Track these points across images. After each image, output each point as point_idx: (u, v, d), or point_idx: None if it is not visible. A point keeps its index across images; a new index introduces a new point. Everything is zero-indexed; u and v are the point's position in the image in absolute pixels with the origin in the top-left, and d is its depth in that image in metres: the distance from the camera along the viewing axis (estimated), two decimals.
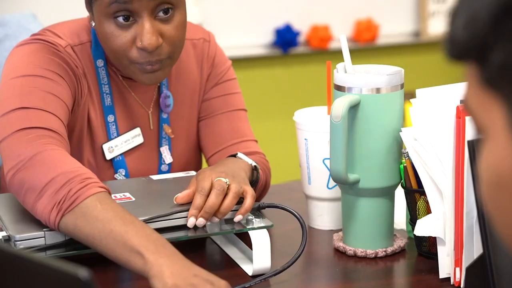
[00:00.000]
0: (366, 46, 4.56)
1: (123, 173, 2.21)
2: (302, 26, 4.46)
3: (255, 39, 4.41)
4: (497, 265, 1.68)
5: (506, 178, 0.88)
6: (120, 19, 2.01)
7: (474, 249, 1.82)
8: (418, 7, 4.64)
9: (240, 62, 4.30)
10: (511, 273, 1.67)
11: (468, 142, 1.76)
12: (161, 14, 2.03)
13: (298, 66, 4.52)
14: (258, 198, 2.14)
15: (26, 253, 1.22)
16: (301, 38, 4.47)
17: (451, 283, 1.88)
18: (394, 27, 4.65)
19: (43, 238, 1.87)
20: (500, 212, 0.91)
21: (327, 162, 2.11)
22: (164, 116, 2.27)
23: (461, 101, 1.81)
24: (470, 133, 1.76)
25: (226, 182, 1.94)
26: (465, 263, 1.83)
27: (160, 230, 1.86)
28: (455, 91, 1.86)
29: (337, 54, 2.05)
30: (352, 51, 2.04)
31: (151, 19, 2.02)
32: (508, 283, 1.67)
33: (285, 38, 4.41)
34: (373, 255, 2.03)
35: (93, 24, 2.09)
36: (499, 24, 0.85)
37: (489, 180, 0.91)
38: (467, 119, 1.76)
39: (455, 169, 1.84)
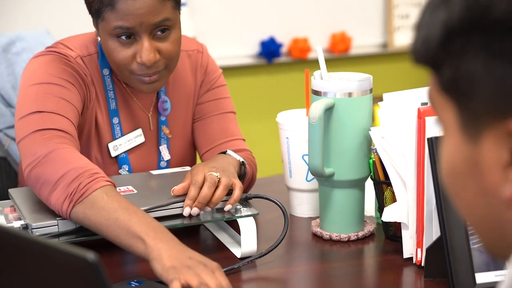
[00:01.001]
0: (340, 56, 4.56)
1: (127, 169, 2.21)
2: (284, 39, 4.46)
3: (243, 50, 4.41)
4: (452, 245, 1.69)
5: (459, 169, 0.90)
6: (123, 37, 2.02)
7: (433, 232, 1.82)
8: (385, 22, 4.65)
9: (230, 70, 4.29)
10: (463, 252, 1.68)
11: (428, 139, 1.77)
12: (158, 33, 2.03)
13: (281, 74, 4.51)
14: (245, 190, 2.14)
15: (41, 239, 1.21)
16: (283, 49, 4.47)
17: (414, 262, 1.89)
18: (365, 40, 4.65)
19: (57, 226, 1.87)
20: (458, 195, 0.93)
21: (306, 157, 2.11)
22: (163, 118, 2.26)
23: (423, 103, 1.81)
24: (429, 132, 1.76)
25: (217, 176, 1.93)
26: (426, 244, 1.83)
27: (159, 219, 1.86)
28: (417, 96, 1.87)
29: (315, 63, 2.05)
30: (328, 61, 2.04)
31: (149, 38, 2.02)
32: (461, 260, 1.68)
33: (269, 49, 4.41)
34: (346, 239, 2.04)
35: (99, 39, 2.08)
36: (446, 46, 0.86)
37: (447, 170, 0.93)
38: (427, 119, 1.77)
39: (417, 163, 1.84)
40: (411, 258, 1.90)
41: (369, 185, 2.08)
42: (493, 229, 0.90)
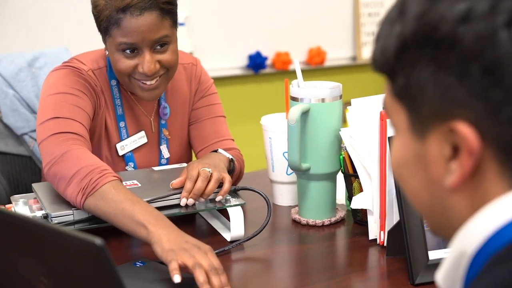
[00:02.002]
0: (316, 67, 4.56)
1: (132, 166, 2.20)
2: (268, 53, 4.46)
3: (233, 63, 4.41)
4: (409, 228, 1.69)
5: (408, 162, 0.91)
6: (127, 52, 2.01)
7: (393, 217, 1.83)
8: (354, 38, 4.65)
9: (222, 80, 4.30)
10: (418, 233, 1.68)
11: (389, 138, 1.78)
12: (158, 47, 2.03)
13: (266, 83, 4.51)
14: (234, 183, 2.13)
15: (57, 226, 1.21)
16: (268, 62, 4.47)
17: (378, 243, 1.90)
18: (337, 53, 4.65)
19: (72, 215, 1.88)
20: (407, 184, 0.93)
21: (286, 154, 2.10)
22: (163, 122, 2.26)
23: (383, 107, 1.82)
24: (390, 132, 1.77)
25: (209, 171, 1.94)
26: (387, 228, 1.84)
27: (160, 208, 1.86)
28: (380, 101, 1.87)
29: (295, 74, 2.05)
30: (306, 71, 2.04)
31: (150, 52, 2.02)
32: (416, 240, 1.68)
33: (256, 62, 4.41)
34: (321, 224, 2.04)
35: (107, 53, 2.08)
36: (400, 57, 0.86)
37: (398, 163, 0.93)
38: (388, 121, 1.77)
39: (380, 158, 1.84)
40: (375, 239, 1.90)
41: (340, 177, 2.08)
42: (438, 213, 0.90)
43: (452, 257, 0.88)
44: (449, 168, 0.85)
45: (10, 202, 2.04)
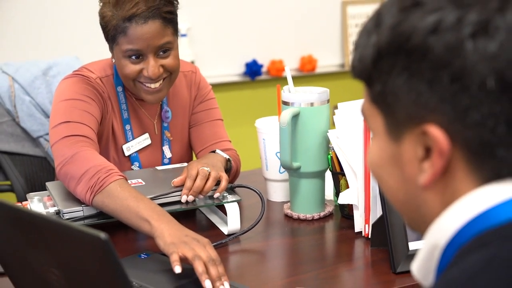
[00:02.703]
0: (308, 74, 4.55)
1: (137, 165, 2.20)
2: (264, 61, 4.45)
3: (231, 70, 4.40)
4: (391, 222, 1.69)
5: (385, 162, 0.91)
6: (133, 57, 2.01)
7: (377, 211, 1.83)
8: (343, 48, 4.65)
9: (221, 86, 4.29)
10: (399, 227, 1.69)
11: (371, 139, 1.77)
12: (161, 53, 2.03)
13: (262, 89, 4.50)
14: (231, 181, 2.13)
15: (66, 222, 1.22)
16: (263, 69, 4.46)
17: (363, 235, 1.90)
18: (327, 61, 4.64)
19: (82, 211, 1.88)
20: (384, 183, 0.93)
21: (278, 154, 2.10)
22: (165, 125, 2.25)
23: (361, 113, 1.82)
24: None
25: (208, 170, 1.93)
26: (371, 221, 1.84)
27: (162, 204, 1.86)
28: (359, 107, 1.86)
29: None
30: (298, 77, 2.05)
31: (154, 57, 2.02)
32: (398, 233, 1.69)
33: (252, 69, 4.40)
34: (311, 218, 2.04)
35: (114, 60, 2.08)
36: (377, 65, 0.86)
37: (375, 163, 0.93)
38: None
39: (364, 158, 1.85)
40: (360, 232, 1.90)
41: (328, 175, 2.08)
42: (412, 209, 0.90)
43: (425, 250, 0.88)
44: (422, 167, 0.85)
45: (26, 199, 2.04)
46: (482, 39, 0.78)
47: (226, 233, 1.93)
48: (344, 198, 1.92)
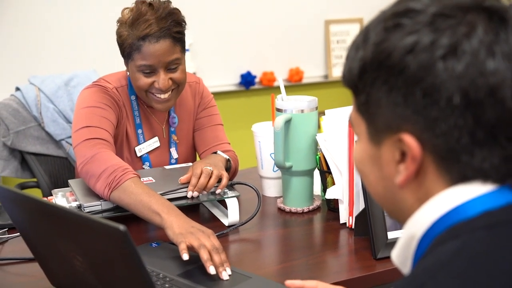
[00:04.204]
0: (296, 84, 4.55)
1: (148, 165, 2.19)
2: (257, 72, 4.44)
3: (229, 81, 4.39)
4: (372, 213, 1.69)
5: (367, 162, 0.91)
6: (146, 71, 2.01)
7: (360, 205, 1.83)
8: (326, 61, 4.64)
9: (220, 94, 4.29)
10: (379, 218, 1.69)
11: (356, 141, 1.77)
12: (170, 68, 2.03)
13: (255, 97, 4.50)
14: (230, 178, 2.13)
15: (88, 215, 1.21)
16: (257, 80, 4.45)
17: (347, 226, 1.90)
18: (312, 72, 4.64)
19: (100, 206, 1.88)
20: (366, 179, 0.93)
21: (272, 155, 2.11)
22: (172, 129, 2.25)
23: (349, 120, 1.82)
24: (356, 137, 1.77)
25: (210, 169, 1.93)
26: (355, 213, 1.84)
27: (171, 200, 1.86)
28: (348, 112, 1.86)
29: (279, 89, 2.05)
30: (287, 87, 2.04)
31: (164, 71, 2.02)
32: (378, 223, 1.69)
33: (247, 80, 4.39)
34: (301, 211, 2.04)
35: (128, 73, 2.08)
36: (362, 77, 0.86)
37: (359, 162, 0.93)
38: None
39: (348, 158, 1.85)
40: (345, 223, 1.91)
41: (316, 173, 2.08)
42: (391, 203, 0.90)
43: (404, 240, 0.88)
44: (398, 169, 0.85)
45: (51, 195, 2.04)
46: (451, 60, 0.78)
47: (226, 224, 1.93)
48: (331, 193, 1.92)
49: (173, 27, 1.99)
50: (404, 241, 0.88)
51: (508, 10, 0.81)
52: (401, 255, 0.89)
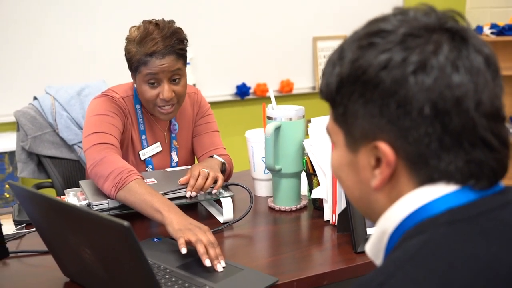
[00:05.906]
0: (286, 94, 4.56)
1: (150, 167, 2.19)
2: (251, 83, 4.46)
3: (225, 91, 4.41)
4: (353, 212, 1.69)
5: (344, 167, 0.90)
6: (151, 81, 2.02)
7: (342, 204, 1.84)
8: (314, 73, 4.66)
9: (217, 104, 4.30)
10: (359, 216, 1.69)
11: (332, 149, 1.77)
12: (173, 80, 2.03)
13: (249, 106, 4.51)
14: (225, 180, 2.14)
15: (96, 212, 1.21)
16: (251, 90, 4.47)
17: (330, 223, 1.90)
18: (301, 84, 4.66)
19: (107, 204, 1.87)
20: (343, 182, 0.93)
21: (264, 159, 2.11)
22: (173, 135, 2.25)
23: (326, 130, 1.82)
24: None
25: (207, 172, 1.93)
26: (338, 212, 1.84)
27: (171, 199, 1.86)
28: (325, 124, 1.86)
29: (270, 99, 2.05)
30: (279, 97, 2.06)
31: (168, 83, 2.02)
32: (358, 221, 1.69)
33: (242, 90, 4.41)
34: (290, 210, 2.04)
35: (135, 85, 2.08)
36: (339, 91, 0.85)
37: (336, 167, 0.93)
38: None
39: None
40: (329, 221, 1.91)
41: (303, 175, 2.09)
42: (365, 204, 0.90)
43: (376, 235, 0.89)
44: (373, 174, 0.85)
45: (64, 194, 2.04)
46: (421, 75, 0.79)
47: (221, 221, 1.92)
48: (316, 193, 1.92)
49: (177, 45, 2.00)
50: (377, 236, 0.88)
51: (467, 30, 0.82)
52: (374, 248, 0.90)
